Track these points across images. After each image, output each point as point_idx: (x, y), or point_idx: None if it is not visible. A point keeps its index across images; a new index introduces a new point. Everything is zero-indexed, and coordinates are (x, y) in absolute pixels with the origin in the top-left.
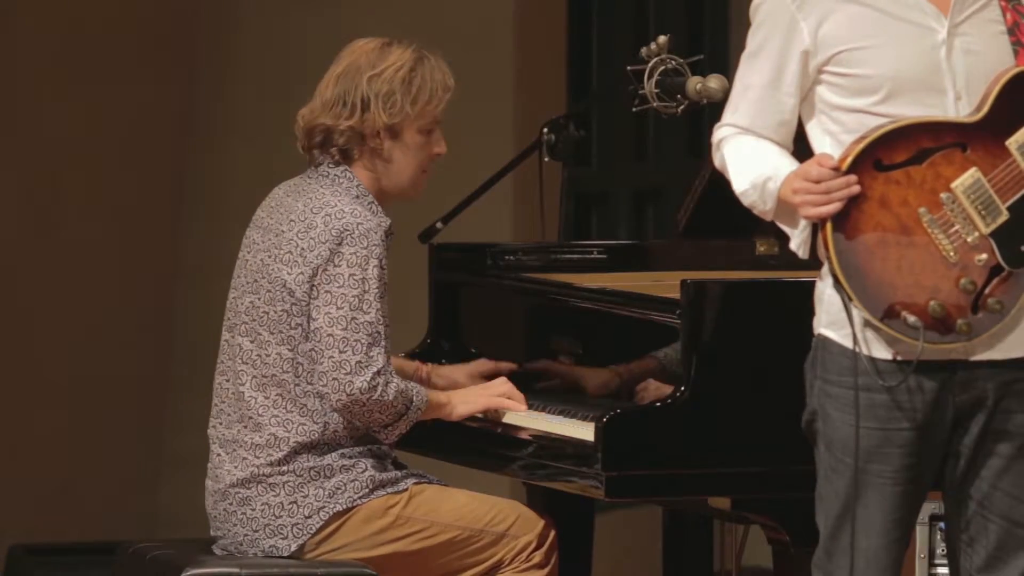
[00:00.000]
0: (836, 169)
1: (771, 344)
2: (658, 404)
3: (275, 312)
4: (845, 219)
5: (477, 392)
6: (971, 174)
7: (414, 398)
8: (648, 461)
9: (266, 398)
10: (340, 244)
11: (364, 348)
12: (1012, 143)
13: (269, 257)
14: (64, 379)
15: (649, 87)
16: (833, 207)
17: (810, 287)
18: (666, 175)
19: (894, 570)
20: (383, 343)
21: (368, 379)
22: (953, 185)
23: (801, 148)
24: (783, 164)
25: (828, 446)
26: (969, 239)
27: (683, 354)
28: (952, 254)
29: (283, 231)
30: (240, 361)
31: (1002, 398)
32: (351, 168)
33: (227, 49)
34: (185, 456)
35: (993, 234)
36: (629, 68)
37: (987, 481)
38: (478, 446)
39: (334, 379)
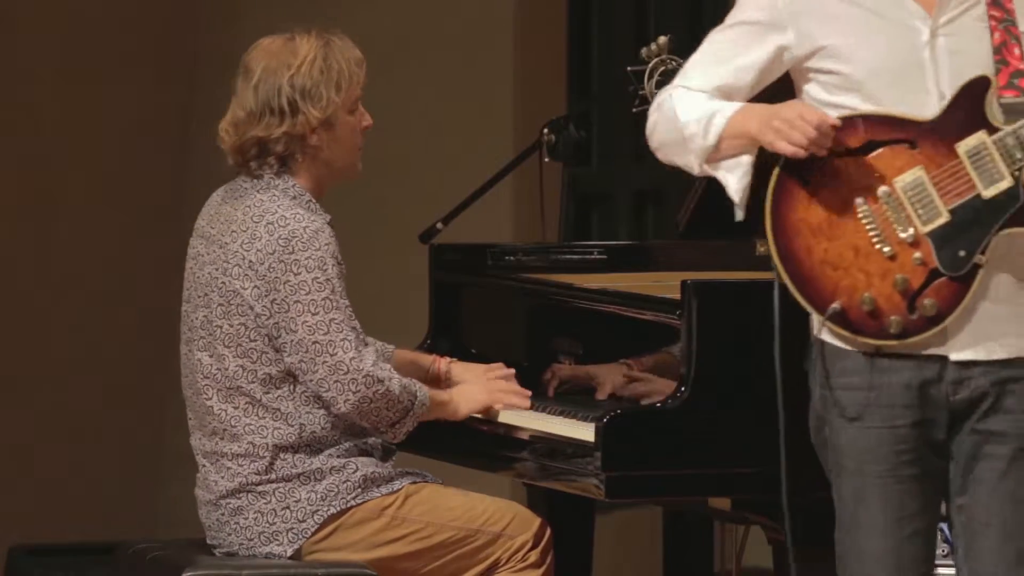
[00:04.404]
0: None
1: (771, 344)
2: (658, 404)
3: (230, 326)
4: (783, 203)
5: (479, 390)
6: (914, 171)
7: (417, 392)
8: (648, 461)
9: (235, 408)
10: (291, 252)
11: (353, 343)
12: (961, 147)
13: (217, 270)
14: (64, 379)
15: (649, 87)
16: (801, 153)
17: None
18: (666, 176)
19: (913, 570)
20: (363, 337)
21: (369, 370)
22: (894, 180)
23: None
24: (730, 104)
25: (831, 449)
26: (903, 235)
27: (683, 354)
28: (886, 249)
29: (227, 243)
30: (201, 376)
31: (1000, 397)
32: (290, 173)
33: (227, 49)
34: (185, 456)
35: (931, 235)
36: (629, 69)
37: (987, 484)
38: (478, 446)
39: (336, 382)
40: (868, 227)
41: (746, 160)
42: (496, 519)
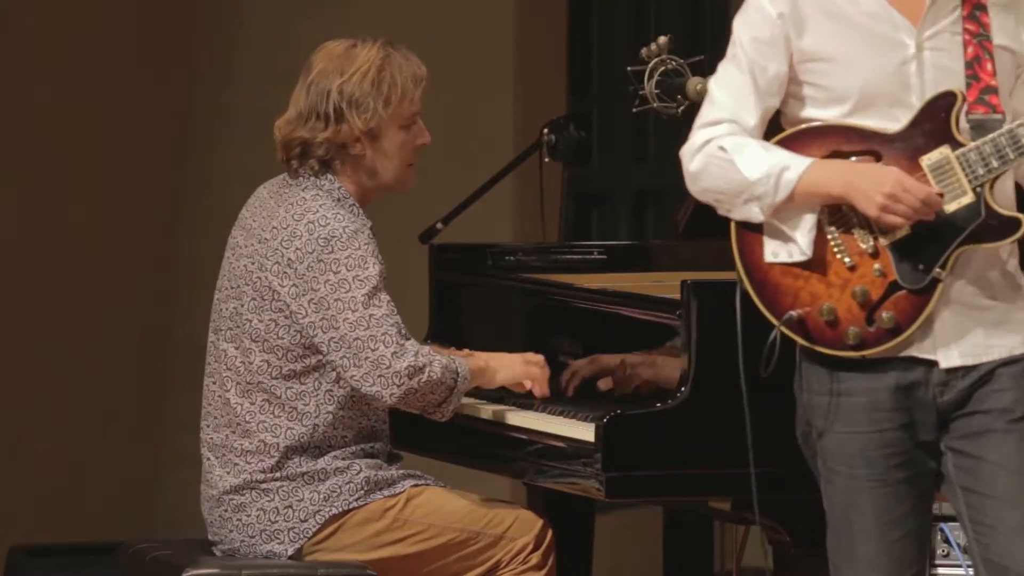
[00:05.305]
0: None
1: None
2: (658, 404)
3: (260, 321)
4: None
5: (515, 360)
6: None
7: (459, 369)
8: (648, 461)
9: (252, 404)
10: (331, 252)
11: (394, 338)
12: (925, 160)
13: (253, 264)
14: (64, 379)
15: (649, 88)
16: (907, 225)
17: None
18: (666, 176)
19: (906, 572)
20: (405, 332)
21: (411, 362)
22: None
23: None
24: (798, 159)
25: (820, 455)
26: (864, 246)
27: (683, 354)
28: (847, 259)
29: (267, 239)
30: (224, 367)
31: (979, 387)
32: (333, 175)
33: (227, 49)
34: (185, 456)
35: (891, 247)
36: (629, 69)
37: (987, 462)
38: (478, 446)
39: (380, 377)
40: (830, 237)
41: (810, 216)
42: (498, 521)
